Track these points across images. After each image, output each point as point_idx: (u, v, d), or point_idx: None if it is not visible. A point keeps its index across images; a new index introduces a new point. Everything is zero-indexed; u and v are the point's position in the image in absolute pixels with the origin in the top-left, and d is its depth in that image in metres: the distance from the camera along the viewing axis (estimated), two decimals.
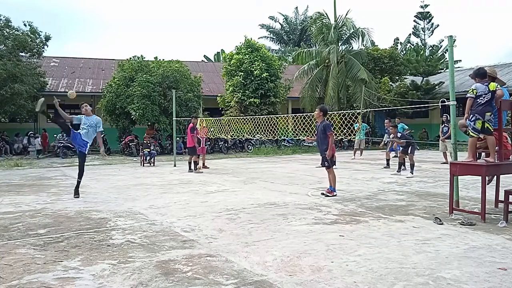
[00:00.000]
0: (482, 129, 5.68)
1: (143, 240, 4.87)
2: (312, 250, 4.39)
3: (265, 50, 23.61)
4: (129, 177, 11.50)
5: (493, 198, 6.44)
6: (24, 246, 4.68)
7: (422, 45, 36.10)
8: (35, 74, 21.41)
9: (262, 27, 44.85)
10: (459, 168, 6.02)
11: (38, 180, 11.16)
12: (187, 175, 11.95)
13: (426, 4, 35.93)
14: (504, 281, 3.46)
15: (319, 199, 7.55)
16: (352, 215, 6.12)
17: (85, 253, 4.39)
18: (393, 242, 4.66)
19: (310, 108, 23.59)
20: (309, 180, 10.26)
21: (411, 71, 28.03)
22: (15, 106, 19.60)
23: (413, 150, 11.40)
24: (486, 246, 4.47)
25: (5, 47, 20.05)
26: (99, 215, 6.39)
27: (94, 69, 26.70)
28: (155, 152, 16.36)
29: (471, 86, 5.84)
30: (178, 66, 21.22)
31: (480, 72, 5.83)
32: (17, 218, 6.16)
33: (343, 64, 24.46)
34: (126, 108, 19.85)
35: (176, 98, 16.15)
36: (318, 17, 26.44)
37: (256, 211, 6.54)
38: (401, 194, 8.08)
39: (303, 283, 3.48)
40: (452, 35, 6.35)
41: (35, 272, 3.80)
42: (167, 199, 7.73)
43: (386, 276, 3.60)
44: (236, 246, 4.57)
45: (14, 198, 8.10)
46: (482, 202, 5.60)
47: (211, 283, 3.48)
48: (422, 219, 5.82)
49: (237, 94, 21.96)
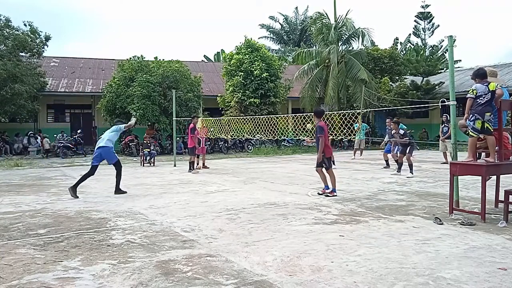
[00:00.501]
0: (482, 129, 5.69)
1: (143, 240, 4.87)
2: (312, 250, 4.39)
3: (265, 50, 23.61)
4: (129, 177, 11.48)
5: (493, 198, 6.44)
6: (24, 246, 4.68)
7: (423, 45, 36.11)
8: (35, 74, 21.41)
9: (262, 27, 44.88)
10: (459, 168, 6.02)
11: (38, 180, 11.16)
12: (187, 175, 11.95)
13: (427, 4, 36.01)
14: (504, 281, 3.46)
15: (319, 199, 7.55)
16: (352, 215, 6.12)
17: (85, 253, 4.39)
18: (393, 242, 4.66)
19: (310, 108, 23.58)
20: (309, 180, 10.26)
21: (411, 71, 28.03)
22: (15, 106, 19.60)
23: (412, 150, 11.34)
24: (486, 246, 4.47)
25: (5, 47, 20.06)
26: (99, 215, 6.39)
27: (94, 69, 26.69)
28: (155, 152, 16.37)
29: (471, 87, 5.85)
30: (178, 66, 21.22)
31: (480, 72, 5.84)
32: (17, 218, 6.16)
33: (343, 64, 24.45)
34: (126, 108, 19.85)
35: (176, 98, 16.15)
36: (318, 17, 26.42)
37: (256, 211, 6.54)
38: (401, 194, 8.07)
39: (303, 283, 3.48)
40: (452, 35, 6.35)
41: (35, 272, 3.81)
42: (167, 199, 7.73)
43: (386, 276, 3.60)
44: (236, 246, 4.57)
45: (14, 198, 8.10)
46: (482, 202, 5.60)
47: (211, 283, 3.48)
48: (422, 219, 5.82)
49: (237, 94, 21.96)
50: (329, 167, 8.07)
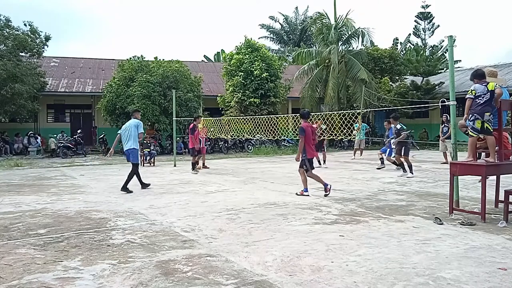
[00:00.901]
0: (482, 129, 5.69)
1: (143, 240, 4.87)
2: (312, 250, 4.39)
3: (265, 50, 23.60)
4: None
5: (493, 198, 6.44)
6: (24, 246, 4.68)
7: (423, 45, 36.10)
8: (35, 74, 21.40)
9: (262, 27, 44.87)
10: (459, 168, 6.02)
11: (38, 180, 11.16)
12: (187, 175, 11.95)
13: (427, 4, 36.02)
14: (504, 281, 3.46)
15: (319, 199, 7.56)
16: (352, 215, 6.12)
17: (85, 253, 4.39)
18: (393, 242, 4.66)
19: (310, 108, 23.57)
20: (309, 180, 10.24)
21: (411, 71, 28.03)
22: (15, 106, 19.60)
23: (407, 151, 11.04)
24: (486, 246, 4.47)
25: (5, 47, 20.05)
26: (99, 215, 6.39)
27: (94, 69, 26.69)
28: (155, 152, 16.37)
29: (470, 87, 5.86)
30: (178, 66, 21.22)
31: (478, 73, 5.86)
32: (17, 218, 6.16)
33: (343, 64, 24.45)
34: (126, 108, 19.85)
35: (176, 98, 16.15)
36: (318, 17, 26.43)
37: (256, 211, 6.54)
38: (401, 194, 8.07)
39: (303, 283, 3.48)
40: (452, 35, 6.35)
41: (35, 272, 3.81)
42: (167, 199, 7.73)
43: (386, 276, 3.60)
44: (236, 246, 4.57)
45: (14, 198, 8.10)
46: (482, 202, 5.60)
47: (211, 283, 3.48)
48: (422, 219, 5.82)
49: (237, 94, 21.96)
50: (309, 170, 7.99)
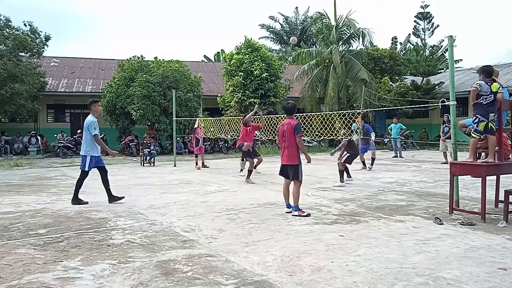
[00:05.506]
0: (486, 130, 5.70)
1: (143, 240, 4.87)
2: (312, 250, 4.39)
3: (265, 50, 23.56)
4: (129, 177, 11.49)
5: (493, 198, 6.44)
6: (24, 246, 4.68)
7: (422, 45, 36.09)
8: (35, 74, 21.39)
9: (262, 27, 44.81)
10: (459, 168, 6.02)
11: (38, 180, 11.16)
12: (187, 175, 11.95)
13: (427, 4, 36.02)
14: (504, 281, 3.46)
15: (319, 199, 7.56)
16: (352, 215, 6.12)
17: (85, 253, 4.39)
18: (393, 242, 4.66)
19: (310, 108, 23.57)
20: (309, 180, 10.25)
21: (411, 71, 28.01)
22: (15, 106, 19.58)
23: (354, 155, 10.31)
24: (486, 246, 4.47)
25: (5, 47, 20.04)
26: (99, 215, 6.39)
27: (94, 69, 26.67)
28: (155, 152, 16.36)
29: (476, 80, 5.82)
30: (178, 66, 21.21)
31: (487, 70, 5.76)
32: (17, 218, 6.16)
33: (343, 64, 24.41)
34: (126, 108, 19.86)
35: (176, 98, 16.15)
36: (318, 17, 26.41)
37: (256, 211, 6.54)
38: (401, 194, 8.07)
39: (303, 283, 3.47)
40: (452, 35, 6.34)
41: (35, 272, 3.80)
42: (167, 199, 7.73)
43: (386, 276, 3.60)
44: (236, 246, 4.57)
45: (14, 198, 8.10)
46: (482, 202, 5.60)
47: (211, 283, 3.48)
48: (422, 219, 5.82)
49: (237, 94, 21.94)
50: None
